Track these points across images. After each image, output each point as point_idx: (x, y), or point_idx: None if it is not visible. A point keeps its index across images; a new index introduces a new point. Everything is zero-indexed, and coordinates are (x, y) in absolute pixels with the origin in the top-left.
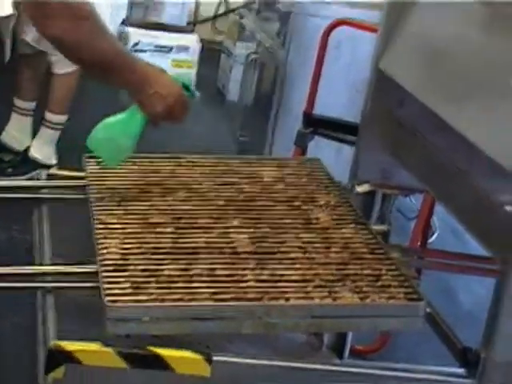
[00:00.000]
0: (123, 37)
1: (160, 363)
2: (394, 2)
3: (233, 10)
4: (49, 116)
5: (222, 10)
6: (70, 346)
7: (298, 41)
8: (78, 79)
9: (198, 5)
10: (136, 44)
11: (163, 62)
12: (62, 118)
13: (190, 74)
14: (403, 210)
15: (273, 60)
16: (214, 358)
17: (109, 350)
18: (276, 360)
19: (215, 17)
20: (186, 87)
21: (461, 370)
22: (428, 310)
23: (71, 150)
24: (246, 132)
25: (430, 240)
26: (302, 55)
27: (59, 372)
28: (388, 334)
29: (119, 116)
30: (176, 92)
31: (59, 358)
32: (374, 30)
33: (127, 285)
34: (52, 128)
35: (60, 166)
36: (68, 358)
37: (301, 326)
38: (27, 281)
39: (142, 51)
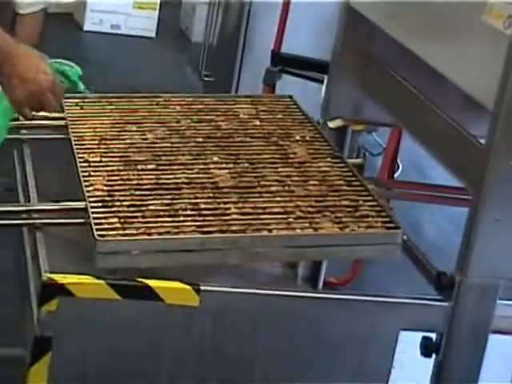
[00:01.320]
0: None
1: (150, 294)
2: None
3: None
4: None
5: None
6: (63, 278)
7: None
8: (44, 20)
9: None
10: None
11: (126, 4)
12: None
13: (74, 69)
14: (368, 146)
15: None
16: (202, 288)
17: (101, 282)
18: (261, 289)
19: None
20: (66, 76)
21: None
22: (404, 237)
23: None
24: (210, 72)
25: (395, 176)
26: None
27: (53, 304)
28: (359, 265)
29: None
30: (44, 78)
31: (53, 290)
32: None
33: (115, 220)
34: None
35: None
36: (61, 290)
37: (284, 255)
38: (15, 218)
39: None
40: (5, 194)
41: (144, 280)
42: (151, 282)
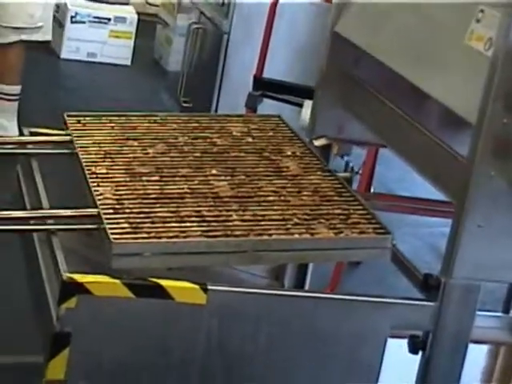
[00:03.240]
0: (61, 9)
1: (162, 293)
2: None
3: None
4: (1, 87)
5: None
6: (81, 278)
7: (241, 10)
8: (24, 49)
9: None
10: (74, 16)
11: (102, 33)
12: (15, 88)
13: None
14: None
15: (215, 29)
16: (210, 287)
17: (117, 281)
18: (263, 289)
19: None
20: None
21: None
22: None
23: None
24: (189, 98)
25: None
26: (244, 24)
27: (72, 302)
28: (338, 279)
29: None
30: None
31: (72, 289)
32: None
33: (126, 225)
34: (7, 99)
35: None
36: (81, 288)
37: (283, 258)
38: (27, 224)
39: (80, 22)
40: (8, 207)
41: (156, 279)
42: (163, 282)
